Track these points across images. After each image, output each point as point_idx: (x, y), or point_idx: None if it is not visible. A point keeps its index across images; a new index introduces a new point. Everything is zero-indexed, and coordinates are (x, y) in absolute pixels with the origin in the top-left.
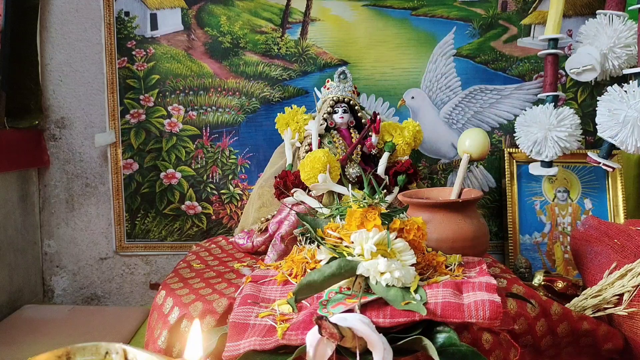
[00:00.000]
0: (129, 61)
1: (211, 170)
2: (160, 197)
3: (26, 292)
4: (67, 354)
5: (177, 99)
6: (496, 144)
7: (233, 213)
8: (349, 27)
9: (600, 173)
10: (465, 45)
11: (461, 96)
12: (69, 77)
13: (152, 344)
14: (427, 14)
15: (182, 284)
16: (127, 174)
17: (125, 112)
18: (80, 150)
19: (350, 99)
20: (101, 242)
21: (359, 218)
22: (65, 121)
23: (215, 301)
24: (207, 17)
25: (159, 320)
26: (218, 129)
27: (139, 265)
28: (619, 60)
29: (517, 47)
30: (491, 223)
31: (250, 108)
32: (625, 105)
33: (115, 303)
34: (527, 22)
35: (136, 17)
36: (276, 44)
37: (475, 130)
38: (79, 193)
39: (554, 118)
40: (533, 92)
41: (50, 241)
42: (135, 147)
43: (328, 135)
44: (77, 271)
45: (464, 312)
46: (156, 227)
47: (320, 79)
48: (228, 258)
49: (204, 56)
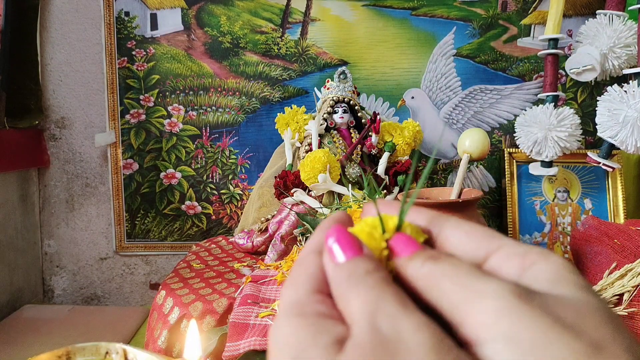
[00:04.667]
0: (129, 61)
1: (211, 170)
2: (160, 197)
3: (26, 292)
4: (67, 353)
5: (177, 99)
6: (496, 144)
7: (233, 213)
8: (349, 27)
9: (600, 173)
10: (465, 45)
11: (461, 96)
12: (69, 77)
13: (152, 344)
14: (427, 14)
15: (182, 284)
16: (127, 174)
17: (125, 112)
18: (80, 150)
19: (350, 99)
20: (101, 242)
21: (359, 218)
22: (65, 121)
23: (215, 301)
24: (207, 17)
25: (159, 320)
26: (218, 129)
27: (139, 265)
28: (619, 60)
29: (517, 47)
30: (491, 223)
31: (250, 108)
32: (625, 105)
33: (115, 303)
34: (527, 22)
35: (136, 17)
36: (276, 44)
37: (475, 130)
38: (79, 193)
39: (554, 118)
40: (533, 92)
41: (50, 241)
42: (135, 147)
43: (328, 135)
44: (77, 271)
45: None
46: (156, 227)
47: (320, 79)
48: (228, 258)
49: (204, 56)
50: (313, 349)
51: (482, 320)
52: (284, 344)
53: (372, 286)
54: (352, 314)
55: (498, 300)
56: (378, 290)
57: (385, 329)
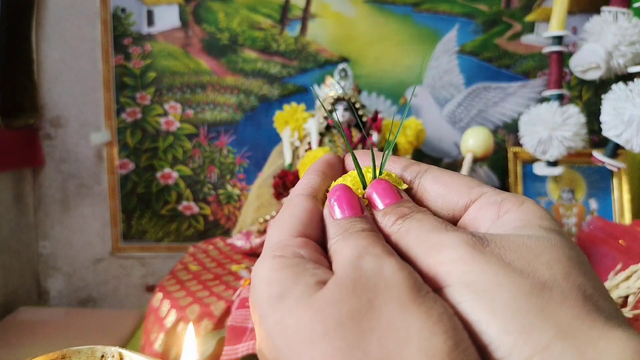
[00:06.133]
0: (125, 58)
1: (209, 169)
2: (156, 198)
3: (21, 294)
4: (63, 356)
5: (174, 97)
6: (500, 143)
7: (231, 214)
8: (350, 24)
9: (605, 173)
10: (468, 42)
11: (464, 94)
12: (65, 75)
13: (149, 347)
14: (430, 10)
15: (179, 286)
16: (123, 174)
17: (122, 111)
18: (75, 150)
19: (351, 96)
20: (97, 243)
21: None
22: (60, 120)
23: (213, 304)
24: (204, 13)
25: (155, 324)
26: (216, 128)
27: (135, 267)
28: (624, 58)
29: (521, 44)
30: None
31: (249, 106)
32: (630, 104)
33: (111, 305)
34: (531, 18)
35: (132, 13)
36: (275, 41)
37: (479, 128)
38: (74, 193)
39: (559, 117)
40: (537, 90)
41: (45, 242)
42: (131, 146)
43: (328, 134)
44: (73, 273)
45: None
46: (153, 228)
47: (320, 76)
48: (226, 260)
49: (202, 53)
50: (295, 287)
51: (442, 270)
52: (267, 282)
53: (364, 237)
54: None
55: (454, 250)
56: (370, 240)
57: (368, 266)
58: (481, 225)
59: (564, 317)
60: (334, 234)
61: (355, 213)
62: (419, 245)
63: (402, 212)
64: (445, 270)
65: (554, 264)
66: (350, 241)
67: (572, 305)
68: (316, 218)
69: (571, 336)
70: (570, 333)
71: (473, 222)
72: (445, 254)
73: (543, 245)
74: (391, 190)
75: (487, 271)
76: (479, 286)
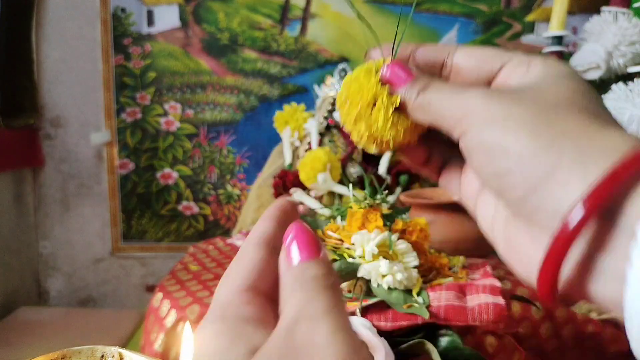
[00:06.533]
0: (125, 58)
1: (209, 169)
2: (156, 198)
3: (21, 294)
4: (63, 356)
5: (174, 97)
6: None
7: (231, 214)
8: (350, 24)
9: None
10: (468, 42)
11: None
12: (65, 75)
13: (149, 347)
14: (430, 10)
15: (179, 286)
16: (123, 174)
17: (122, 111)
18: (75, 150)
19: None
20: (96, 243)
21: (360, 219)
22: (60, 120)
23: None
24: (204, 13)
25: (155, 324)
26: (216, 128)
27: (135, 267)
28: (624, 58)
29: (521, 44)
30: None
31: (249, 106)
32: (630, 104)
33: (111, 305)
34: (531, 18)
35: (132, 13)
36: (275, 41)
37: None
38: (74, 193)
39: None
40: None
41: (45, 242)
42: (131, 146)
43: (328, 134)
44: (73, 273)
45: (468, 316)
46: (153, 228)
47: (320, 76)
48: (226, 260)
49: (202, 53)
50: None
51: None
52: (204, 349)
53: (310, 289)
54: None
55: (473, 99)
56: (313, 293)
57: (299, 334)
58: (513, 82)
59: (566, 125)
60: (285, 283)
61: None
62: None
63: (422, 84)
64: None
65: (561, 94)
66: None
67: (575, 118)
68: (268, 267)
69: (573, 136)
70: (571, 134)
71: (506, 81)
72: (466, 103)
73: (554, 83)
74: (406, 68)
75: (503, 104)
76: (497, 115)
